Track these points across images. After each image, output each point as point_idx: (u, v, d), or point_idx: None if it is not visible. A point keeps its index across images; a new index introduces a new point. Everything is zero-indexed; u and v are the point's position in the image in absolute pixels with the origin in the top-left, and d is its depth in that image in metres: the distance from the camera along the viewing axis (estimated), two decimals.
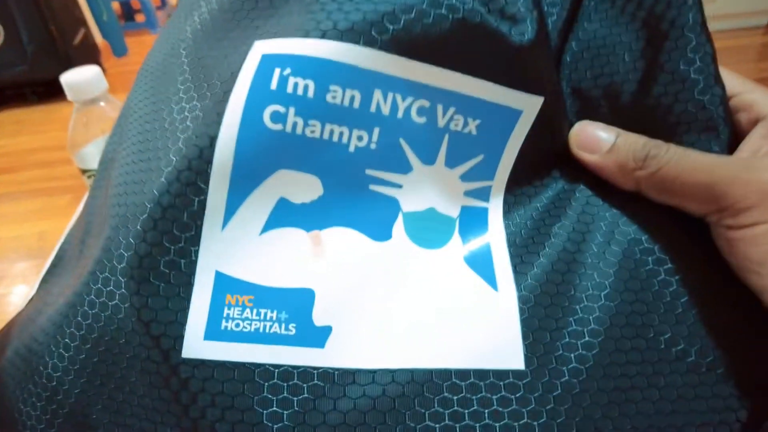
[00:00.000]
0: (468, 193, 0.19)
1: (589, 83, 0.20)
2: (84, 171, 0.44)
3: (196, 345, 0.16)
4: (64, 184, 1.52)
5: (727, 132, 0.19)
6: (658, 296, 0.17)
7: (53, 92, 1.96)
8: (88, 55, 2.12)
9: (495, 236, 0.19)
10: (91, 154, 0.43)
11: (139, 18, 2.68)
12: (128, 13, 2.66)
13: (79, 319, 0.17)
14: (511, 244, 0.19)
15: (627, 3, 0.20)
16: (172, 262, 0.16)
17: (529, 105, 0.19)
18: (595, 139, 0.20)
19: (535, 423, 0.16)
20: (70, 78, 0.39)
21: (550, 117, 0.20)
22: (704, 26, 0.19)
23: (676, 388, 0.16)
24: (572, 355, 0.17)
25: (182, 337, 0.16)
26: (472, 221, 0.19)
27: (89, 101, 0.41)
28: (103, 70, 2.31)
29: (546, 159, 0.21)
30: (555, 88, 0.20)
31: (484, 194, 0.20)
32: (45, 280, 0.23)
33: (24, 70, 1.92)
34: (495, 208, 0.20)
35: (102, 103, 0.42)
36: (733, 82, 0.20)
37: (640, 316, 0.17)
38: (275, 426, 0.16)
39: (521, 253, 0.19)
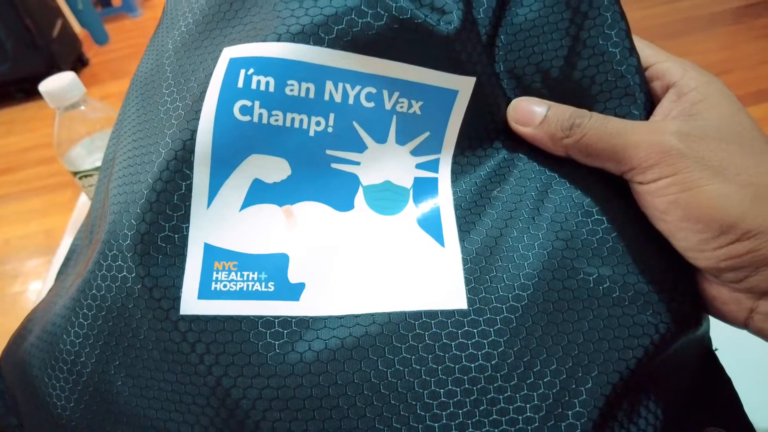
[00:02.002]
0: (419, 166, 0.22)
1: (523, 62, 0.22)
2: (75, 173, 0.46)
3: (191, 304, 0.19)
4: (64, 180, 1.54)
5: (643, 97, 0.21)
6: (586, 243, 0.20)
7: None
8: (69, 46, 2.09)
9: (444, 202, 0.22)
10: (79, 156, 0.45)
11: (116, 2, 2.62)
12: None
13: (94, 292, 0.20)
14: (458, 208, 0.21)
15: None
16: (167, 237, 0.19)
17: (463, 85, 0.21)
18: (529, 113, 0.22)
19: (479, 353, 0.18)
20: (47, 87, 0.41)
21: (485, 94, 0.22)
22: (618, 5, 0.21)
23: (602, 319, 0.19)
24: (509, 295, 0.19)
25: (179, 298, 0.19)
26: (424, 190, 0.22)
27: (69, 106, 0.42)
28: (87, 60, 2.26)
29: (488, 133, 0.23)
30: (486, 69, 0.22)
31: (433, 166, 0.22)
32: (60, 272, 0.27)
33: (7, 68, 1.91)
34: (444, 177, 0.22)
35: (82, 107, 0.43)
36: (649, 53, 0.22)
37: (571, 261, 0.20)
38: (260, 366, 0.18)
39: (465, 214, 0.21)
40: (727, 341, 0.25)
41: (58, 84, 0.41)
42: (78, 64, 2.15)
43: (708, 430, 0.21)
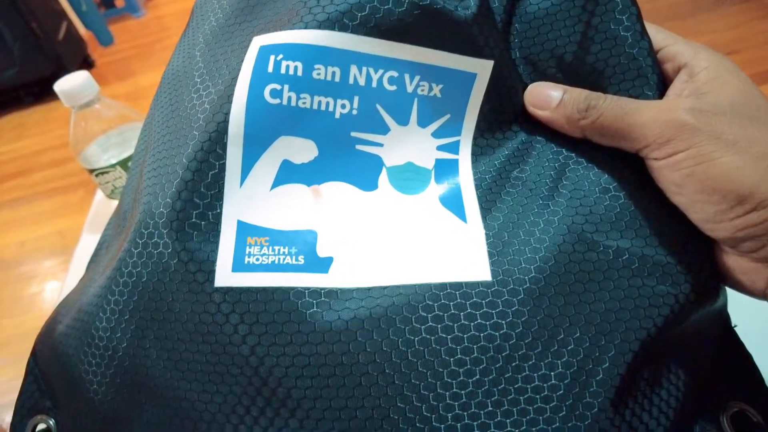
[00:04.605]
0: (440, 148, 0.22)
1: (538, 49, 0.23)
2: (91, 171, 0.46)
3: (225, 276, 0.20)
4: (76, 180, 1.55)
5: (655, 78, 0.22)
6: (605, 218, 0.20)
7: (48, 91, 1.96)
8: (75, 48, 2.10)
9: (465, 181, 0.22)
10: (95, 154, 0.46)
11: (119, 3, 2.63)
12: (107, 0, 2.61)
13: (130, 269, 0.21)
14: (478, 187, 0.22)
15: None
16: (202, 214, 0.20)
17: (481, 68, 0.22)
18: (545, 97, 0.22)
19: (503, 321, 0.19)
20: (63, 86, 0.41)
21: (503, 78, 0.22)
22: None
23: (623, 290, 0.19)
24: (532, 267, 0.20)
25: (214, 271, 0.20)
26: (445, 171, 0.22)
27: (84, 105, 0.43)
28: (92, 61, 2.26)
29: (506, 116, 0.23)
30: (503, 54, 0.22)
31: (453, 148, 0.23)
32: (92, 261, 0.28)
33: (14, 72, 1.92)
34: (464, 158, 0.23)
35: (97, 105, 0.44)
36: (659, 36, 0.22)
37: (590, 234, 0.20)
38: (292, 334, 0.19)
39: (486, 194, 0.22)
40: (746, 319, 0.25)
41: (72, 83, 0.41)
42: (84, 65, 2.16)
43: (730, 405, 0.21)
